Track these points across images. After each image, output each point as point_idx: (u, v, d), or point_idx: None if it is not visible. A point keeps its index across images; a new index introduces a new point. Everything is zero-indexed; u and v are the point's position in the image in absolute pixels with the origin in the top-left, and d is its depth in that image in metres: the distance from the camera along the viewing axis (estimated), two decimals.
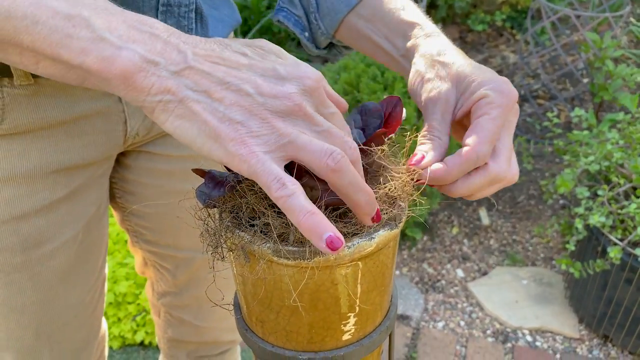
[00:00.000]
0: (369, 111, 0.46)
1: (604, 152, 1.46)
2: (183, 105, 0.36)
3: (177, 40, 0.37)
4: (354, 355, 0.46)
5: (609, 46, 2.16)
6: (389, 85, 1.66)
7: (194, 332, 0.91)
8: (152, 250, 0.83)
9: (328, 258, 0.39)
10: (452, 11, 3.24)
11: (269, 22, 2.76)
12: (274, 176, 0.35)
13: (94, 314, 0.78)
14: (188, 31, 0.61)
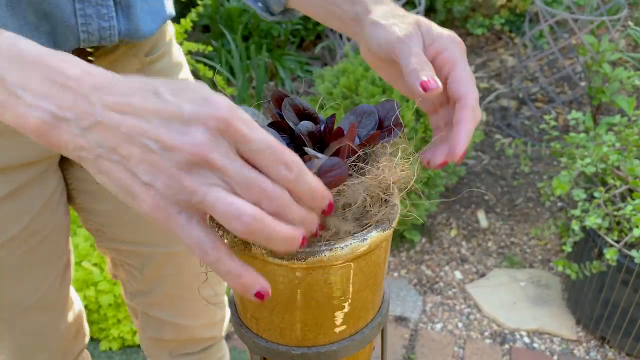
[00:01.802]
0: (364, 113, 0.47)
1: (600, 155, 1.47)
2: (98, 163, 0.35)
3: (89, 88, 0.35)
4: (346, 350, 0.47)
5: (607, 49, 2.18)
6: (387, 89, 1.67)
7: (171, 330, 0.92)
8: (116, 249, 0.85)
9: (321, 259, 0.40)
10: (451, 15, 3.26)
11: (269, 26, 2.77)
12: (194, 241, 0.34)
13: (58, 297, 0.81)
14: (108, 19, 0.60)
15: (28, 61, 0.36)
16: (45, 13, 0.56)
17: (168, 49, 0.77)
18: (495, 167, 2.37)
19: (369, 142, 0.45)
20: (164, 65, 0.76)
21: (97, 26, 0.60)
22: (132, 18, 0.63)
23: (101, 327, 1.61)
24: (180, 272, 0.86)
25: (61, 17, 0.57)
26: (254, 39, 2.78)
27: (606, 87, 2.18)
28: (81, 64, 0.36)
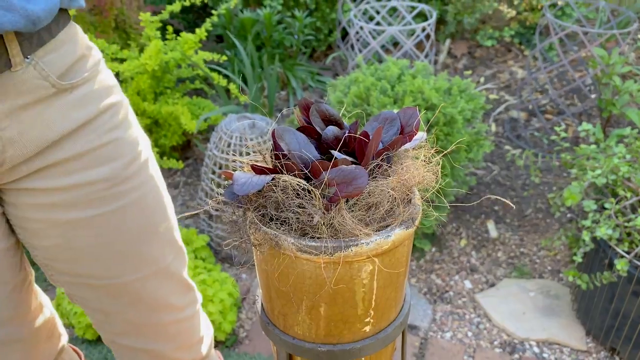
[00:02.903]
0: (387, 119, 0.49)
1: (611, 166, 1.48)
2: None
3: None
4: (370, 349, 0.49)
5: (617, 62, 2.19)
6: (399, 99, 1.69)
7: (145, 356, 0.91)
8: (68, 281, 0.83)
9: (348, 254, 0.42)
10: (461, 27, 3.29)
11: (281, 36, 2.81)
12: None
13: (15, 312, 0.82)
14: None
15: None
16: None
17: (93, 75, 0.75)
18: (505, 178, 2.38)
19: (392, 146, 0.47)
20: (87, 90, 0.74)
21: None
22: (13, 10, 0.59)
23: None
24: (138, 299, 0.84)
25: None
26: (267, 49, 2.81)
27: (616, 100, 2.19)
28: None
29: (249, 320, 1.78)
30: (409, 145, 0.49)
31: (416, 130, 0.49)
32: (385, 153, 0.47)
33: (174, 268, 0.88)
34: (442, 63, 3.19)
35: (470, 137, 1.69)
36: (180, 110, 2.05)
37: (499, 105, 2.84)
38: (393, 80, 1.77)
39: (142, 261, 0.82)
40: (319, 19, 3.01)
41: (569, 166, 1.66)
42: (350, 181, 0.42)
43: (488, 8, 3.07)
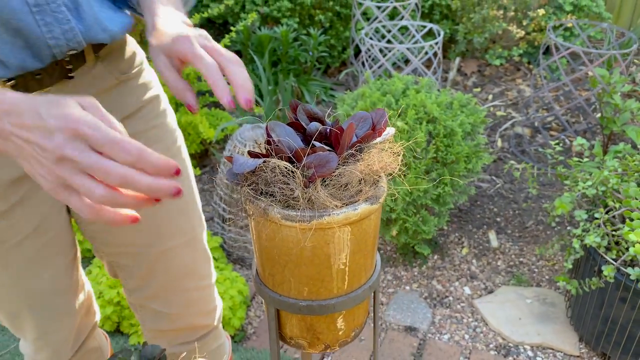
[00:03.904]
0: (361, 118, 0.60)
1: (601, 178, 1.57)
2: (17, 158, 0.55)
3: (2, 114, 0.53)
4: (342, 305, 0.59)
5: (618, 82, 2.28)
6: (402, 112, 1.80)
7: (167, 320, 1.03)
8: (110, 252, 0.97)
9: (322, 222, 0.53)
10: (472, 46, 3.40)
11: (296, 53, 2.94)
12: (75, 205, 0.54)
13: (68, 284, 0.94)
14: (66, 22, 0.70)
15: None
16: (15, 30, 0.67)
17: (140, 70, 0.90)
18: (508, 191, 2.46)
19: (364, 139, 0.58)
20: (136, 83, 0.88)
21: (60, 30, 0.70)
22: (84, 16, 0.73)
23: (131, 322, 1.74)
24: (170, 266, 0.98)
25: (28, 30, 0.68)
26: (283, 64, 2.95)
27: (617, 118, 2.27)
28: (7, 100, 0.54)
29: (257, 317, 1.88)
30: (379, 140, 0.60)
31: (384, 128, 0.60)
32: (358, 145, 0.58)
33: (200, 238, 1.02)
34: (451, 80, 3.29)
35: (470, 149, 1.79)
36: (199, 120, 2.18)
37: (505, 121, 2.93)
38: (398, 95, 1.88)
39: (177, 231, 0.95)
40: (333, 37, 3.14)
41: (563, 178, 1.74)
42: (324, 164, 0.53)
43: (497, 28, 3.17)
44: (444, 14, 3.42)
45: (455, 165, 1.77)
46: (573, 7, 3.28)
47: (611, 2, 3.64)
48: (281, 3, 2.93)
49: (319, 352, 0.64)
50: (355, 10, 2.95)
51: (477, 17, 3.17)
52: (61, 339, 0.97)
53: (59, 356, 0.99)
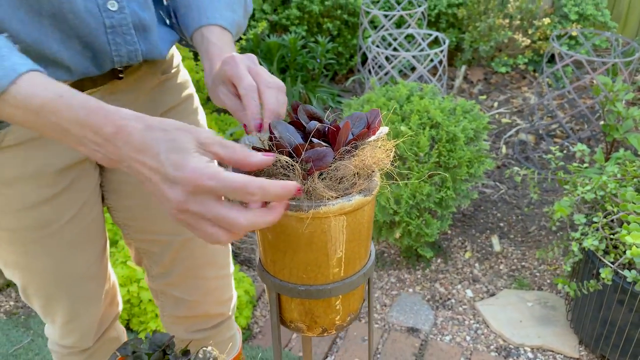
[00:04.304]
0: (357, 118, 0.65)
1: (599, 183, 1.60)
2: (133, 175, 0.58)
3: (121, 143, 0.56)
4: (338, 290, 0.64)
5: (620, 89, 2.31)
6: (406, 117, 1.85)
7: (186, 307, 1.10)
8: (140, 239, 1.03)
9: (319, 211, 0.58)
10: (478, 54, 3.44)
11: (304, 60, 3.00)
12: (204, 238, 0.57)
13: (99, 270, 1.00)
14: (133, 44, 0.79)
15: (80, 121, 0.57)
16: (87, 44, 0.76)
17: (177, 71, 0.98)
18: (511, 197, 2.49)
19: (359, 137, 0.63)
20: (174, 82, 0.97)
21: (126, 50, 0.79)
22: (149, 41, 0.82)
23: (141, 320, 1.79)
24: (193, 256, 1.04)
25: (98, 46, 0.76)
26: (291, 71, 3.01)
27: (620, 125, 2.30)
28: (114, 121, 0.57)
29: (262, 317, 1.93)
30: (373, 138, 0.64)
31: (378, 127, 0.65)
32: (353, 142, 0.63)
33: None
34: (458, 88, 3.34)
35: (472, 154, 1.83)
36: (209, 124, 2.24)
37: (510, 128, 2.96)
38: (402, 101, 1.93)
39: None
40: (341, 45, 3.20)
41: (563, 183, 1.78)
42: (321, 158, 0.58)
43: (503, 37, 3.21)
44: (450, 23, 3.47)
45: (458, 170, 1.81)
46: (578, 16, 3.32)
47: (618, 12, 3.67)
48: (290, 11, 2.99)
49: (317, 335, 0.68)
50: (363, 19, 3.01)
51: (483, 25, 3.21)
52: (87, 325, 1.03)
53: (83, 342, 1.05)
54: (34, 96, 0.56)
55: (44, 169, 0.83)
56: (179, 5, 0.85)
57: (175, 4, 0.86)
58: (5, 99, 0.56)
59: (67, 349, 1.06)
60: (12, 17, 0.67)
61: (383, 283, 2.07)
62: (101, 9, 0.74)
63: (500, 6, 3.38)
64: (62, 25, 0.71)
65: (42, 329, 1.88)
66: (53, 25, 0.71)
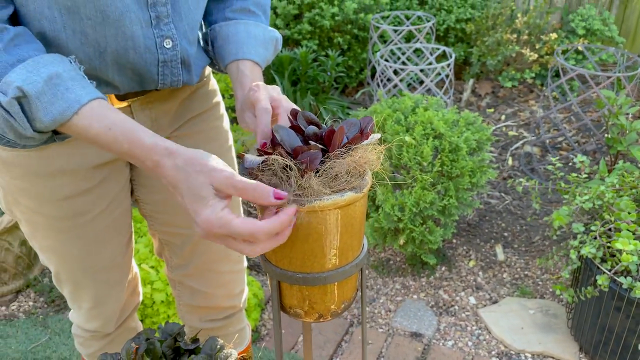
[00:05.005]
0: (351, 124, 0.73)
1: (597, 193, 1.66)
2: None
3: (160, 176, 0.69)
4: (332, 278, 0.71)
5: (623, 103, 2.36)
6: (410, 128, 1.92)
7: (201, 297, 1.18)
8: (164, 230, 1.13)
9: (314, 205, 0.65)
10: (485, 68, 3.51)
11: (315, 73, 3.09)
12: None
13: (124, 260, 1.09)
14: (177, 75, 0.89)
15: (125, 153, 0.71)
16: (140, 74, 0.87)
17: (207, 80, 1.08)
18: (516, 207, 2.54)
19: (353, 141, 0.70)
20: (204, 91, 1.07)
21: (170, 80, 0.90)
22: (190, 72, 0.93)
23: (153, 320, 1.86)
24: (210, 250, 1.13)
25: (148, 75, 0.87)
26: (302, 84, 3.10)
27: (623, 138, 2.34)
28: (151, 157, 0.69)
29: (270, 320, 1.99)
30: (366, 142, 0.71)
31: (370, 132, 0.72)
32: (348, 145, 0.70)
33: None
34: (466, 101, 3.40)
35: (474, 164, 1.89)
36: None
37: (517, 141, 3.02)
38: (407, 112, 2.00)
39: None
40: (351, 58, 3.28)
41: (563, 193, 1.83)
42: (314, 160, 0.65)
43: (511, 51, 3.28)
44: (458, 37, 3.55)
45: (460, 179, 1.87)
46: (586, 31, 3.37)
47: (627, 27, 3.71)
48: (302, 26, 3.09)
49: (314, 320, 0.75)
50: (373, 33, 3.09)
51: (491, 40, 3.28)
52: (111, 311, 1.11)
53: (106, 327, 1.13)
54: (90, 128, 0.70)
55: (82, 165, 0.92)
56: (217, 36, 0.95)
57: (214, 34, 0.96)
58: (68, 125, 0.70)
59: (90, 333, 1.15)
60: (79, 51, 0.78)
61: (388, 289, 2.12)
62: (158, 47, 0.84)
63: (508, 21, 3.45)
64: (121, 60, 0.82)
65: (59, 327, 1.96)
66: (113, 59, 0.81)
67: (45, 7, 0.73)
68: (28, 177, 0.91)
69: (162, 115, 0.98)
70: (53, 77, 0.69)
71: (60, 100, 0.68)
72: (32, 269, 2.15)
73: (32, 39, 0.72)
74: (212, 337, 0.98)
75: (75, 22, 0.75)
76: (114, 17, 0.76)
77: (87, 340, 1.16)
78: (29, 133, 0.70)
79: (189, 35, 0.88)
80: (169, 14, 0.82)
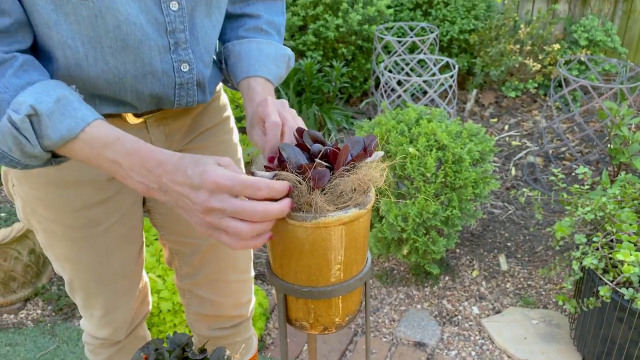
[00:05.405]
0: (356, 141, 0.75)
1: (599, 204, 1.67)
2: (173, 205, 0.72)
3: (161, 173, 0.70)
4: (337, 292, 0.73)
5: (626, 114, 2.38)
6: (414, 139, 1.94)
7: (210, 306, 1.20)
8: (174, 240, 1.15)
9: (319, 221, 0.67)
10: (489, 78, 3.53)
11: (320, 83, 3.12)
12: (224, 242, 0.68)
13: (135, 270, 1.12)
14: (193, 96, 0.92)
15: (130, 154, 0.72)
16: (157, 97, 0.90)
17: (218, 95, 1.11)
18: (519, 217, 2.56)
19: (357, 158, 0.73)
20: (215, 105, 1.09)
21: (186, 100, 0.94)
22: (205, 92, 0.96)
23: (160, 329, 1.89)
24: (219, 259, 1.16)
25: (166, 97, 0.90)
26: (307, 94, 3.13)
27: (625, 149, 2.36)
28: (156, 157, 0.71)
29: (275, 329, 2.01)
30: (369, 159, 0.74)
31: (374, 150, 0.74)
32: (352, 162, 0.73)
33: None
34: (469, 111, 3.42)
35: (477, 175, 1.91)
36: None
37: (520, 151, 3.04)
38: (411, 124, 2.02)
39: None
40: (355, 69, 3.32)
41: (565, 204, 1.85)
42: (322, 177, 0.68)
43: (514, 62, 3.30)
44: (462, 48, 3.57)
45: (463, 190, 1.89)
46: (588, 42, 3.40)
47: (629, 37, 3.74)
48: (307, 37, 3.12)
49: (319, 332, 0.77)
50: (377, 44, 3.13)
51: (495, 51, 3.31)
52: (121, 319, 1.14)
53: (116, 335, 1.16)
54: (99, 139, 0.73)
55: (98, 177, 0.95)
56: (230, 55, 0.98)
57: (227, 53, 0.99)
58: (75, 140, 0.73)
59: (100, 341, 1.18)
60: (99, 77, 0.82)
61: (392, 299, 2.14)
62: (175, 71, 0.87)
63: (511, 32, 3.47)
64: (139, 85, 0.86)
65: (67, 335, 1.98)
66: (132, 84, 0.85)
67: (69, 38, 0.77)
68: (46, 188, 0.94)
69: (175, 130, 1.01)
70: (61, 99, 0.72)
71: (68, 118, 0.72)
72: (40, 277, 2.18)
73: (39, 65, 0.77)
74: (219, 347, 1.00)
75: (97, 51, 0.79)
76: (133, 45, 0.80)
77: (97, 347, 1.19)
78: (37, 151, 0.73)
79: (205, 58, 0.91)
80: (187, 39, 0.85)
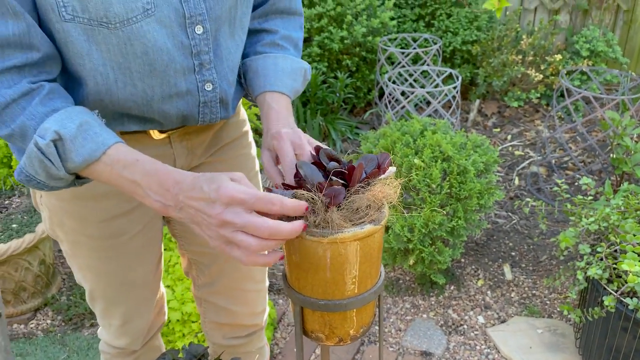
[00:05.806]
0: (369, 159, 0.78)
1: (603, 215, 1.70)
2: (188, 221, 0.75)
3: (177, 191, 0.73)
4: (353, 305, 0.75)
5: (628, 124, 2.41)
6: (419, 151, 1.97)
7: (225, 314, 1.23)
8: (192, 250, 1.18)
9: (336, 237, 0.70)
10: (491, 88, 3.56)
11: (324, 94, 3.16)
12: (235, 256, 0.72)
13: (154, 279, 1.15)
14: (216, 113, 0.96)
15: (151, 174, 0.75)
16: (182, 115, 0.94)
17: (238, 110, 1.14)
18: (523, 227, 2.58)
19: (371, 176, 0.76)
20: (235, 120, 1.13)
21: (210, 117, 0.97)
22: (227, 109, 1.00)
23: (169, 339, 1.91)
24: (236, 269, 1.18)
25: (190, 115, 0.94)
26: (311, 105, 3.17)
27: (628, 159, 2.39)
28: (174, 177, 0.74)
29: (282, 339, 2.03)
30: (383, 176, 0.77)
31: (387, 167, 0.77)
32: (366, 180, 0.75)
33: None
34: (472, 121, 3.45)
35: (482, 186, 1.94)
36: None
37: (523, 160, 3.06)
38: (416, 135, 2.05)
39: None
40: (359, 80, 3.35)
41: (569, 214, 1.87)
42: (337, 195, 0.71)
43: (516, 72, 3.34)
44: (465, 59, 3.61)
45: (468, 201, 1.92)
46: (590, 53, 3.43)
47: (630, 47, 3.77)
48: (312, 49, 3.16)
49: (334, 344, 0.79)
50: (380, 56, 3.16)
51: (497, 61, 3.35)
52: (139, 329, 1.17)
53: (133, 345, 1.19)
54: (119, 161, 0.77)
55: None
56: (248, 70, 1.02)
57: (246, 68, 1.03)
58: (97, 163, 0.77)
59: (117, 350, 1.20)
60: (128, 100, 0.86)
61: (398, 309, 2.16)
62: (200, 90, 0.91)
63: (513, 42, 3.51)
64: (165, 105, 0.89)
65: (77, 345, 2.00)
66: (159, 105, 0.89)
67: (100, 65, 0.81)
68: (74, 200, 0.98)
69: (197, 145, 1.05)
70: (83, 124, 0.76)
71: (90, 142, 0.76)
72: (50, 287, 2.20)
73: (64, 93, 0.81)
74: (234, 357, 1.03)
75: (126, 76, 0.82)
76: (160, 69, 0.84)
77: (113, 357, 1.21)
78: (61, 173, 0.77)
79: (229, 76, 0.95)
80: (211, 60, 0.89)
